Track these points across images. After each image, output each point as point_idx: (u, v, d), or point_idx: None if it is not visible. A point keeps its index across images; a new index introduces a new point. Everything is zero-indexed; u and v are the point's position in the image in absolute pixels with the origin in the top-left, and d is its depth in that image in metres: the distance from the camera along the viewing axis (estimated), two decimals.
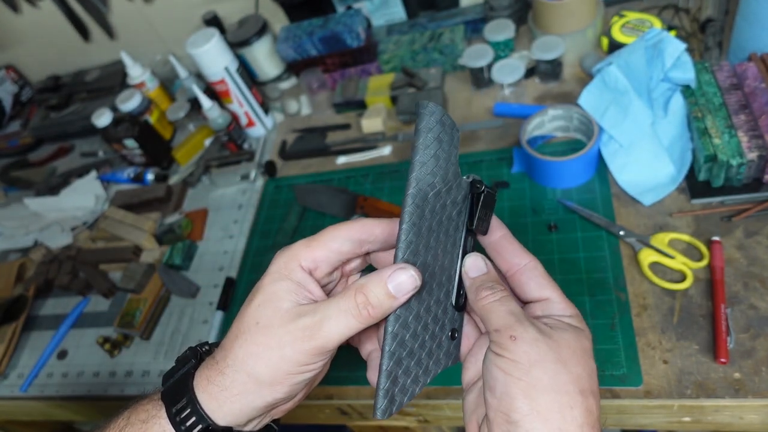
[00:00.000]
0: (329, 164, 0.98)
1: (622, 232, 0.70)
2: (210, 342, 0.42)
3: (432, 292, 0.38)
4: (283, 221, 0.91)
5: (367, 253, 0.40)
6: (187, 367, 0.38)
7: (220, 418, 0.36)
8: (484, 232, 0.39)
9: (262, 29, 1.08)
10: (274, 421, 0.40)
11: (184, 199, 1.05)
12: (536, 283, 0.38)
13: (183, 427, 0.35)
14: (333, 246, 0.37)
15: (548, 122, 0.82)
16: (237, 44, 1.07)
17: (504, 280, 0.39)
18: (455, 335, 0.40)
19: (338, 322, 0.34)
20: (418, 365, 0.37)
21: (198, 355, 0.40)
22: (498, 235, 0.39)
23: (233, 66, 0.98)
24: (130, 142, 1.07)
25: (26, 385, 0.88)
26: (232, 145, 1.05)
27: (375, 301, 0.34)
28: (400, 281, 0.34)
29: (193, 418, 0.35)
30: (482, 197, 0.38)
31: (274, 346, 0.34)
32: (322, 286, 0.38)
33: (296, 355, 0.34)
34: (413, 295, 0.35)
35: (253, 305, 0.36)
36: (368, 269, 0.40)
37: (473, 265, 0.39)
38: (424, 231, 0.36)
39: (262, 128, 1.08)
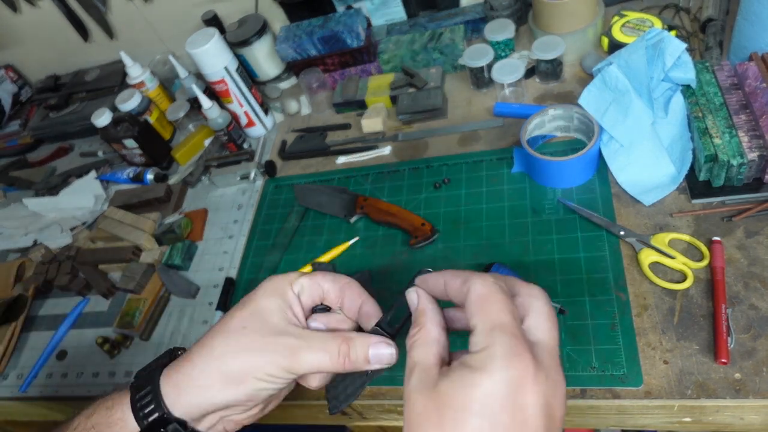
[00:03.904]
0: (329, 164, 0.98)
1: (622, 232, 0.70)
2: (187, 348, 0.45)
3: None
4: (283, 221, 0.91)
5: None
6: (159, 361, 0.42)
7: (178, 409, 0.38)
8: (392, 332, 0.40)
9: (262, 29, 1.08)
10: None
11: (184, 199, 1.05)
12: (469, 311, 0.33)
13: (141, 414, 0.38)
14: (321, 281, 0.42)
15: (548, 122, 0.82)
16: (237, 44, 1.07)
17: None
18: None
19: (316, 356, 0.38)
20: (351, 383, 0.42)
21: (173, 354, 0.43)
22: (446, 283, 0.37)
23: (233, 66, 0.98)
24: (129, 142, 1.07)
25: (25, 386, 0.88)
26: (231, 145, 1.05)
27: (354, 357, 0.38)
28: (381, 353, 0.38)
29: (152, 406, 0.39)
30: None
31: (255, 350, 0.38)
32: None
33: (269, 366, 0.37)
34: (385, 369, 0.39)
35: (244, 312, 0.40)
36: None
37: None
38: None
39: (261, 128, 1.08)
